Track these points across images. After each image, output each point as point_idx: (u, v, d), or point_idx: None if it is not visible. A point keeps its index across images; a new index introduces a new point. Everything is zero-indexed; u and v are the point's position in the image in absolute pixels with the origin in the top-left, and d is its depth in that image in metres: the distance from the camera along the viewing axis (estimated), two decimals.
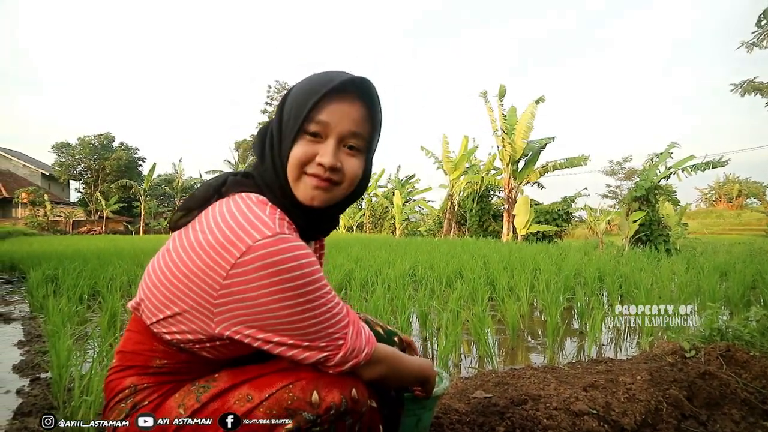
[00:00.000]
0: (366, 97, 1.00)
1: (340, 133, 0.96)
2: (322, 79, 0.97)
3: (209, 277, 0.87)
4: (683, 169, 12.27)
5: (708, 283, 4.64)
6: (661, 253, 10.03)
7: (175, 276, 0.91)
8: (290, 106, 0.98)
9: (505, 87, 16.44)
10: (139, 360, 0.99)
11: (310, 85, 0.97)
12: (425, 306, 3.69)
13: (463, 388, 2.13)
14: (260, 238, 0.86)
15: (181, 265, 0.91)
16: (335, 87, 0.95)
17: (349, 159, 0.99)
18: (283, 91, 43.31)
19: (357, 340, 0.96)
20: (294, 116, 0.96)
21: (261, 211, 0.91)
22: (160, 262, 0.96)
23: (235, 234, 0.87)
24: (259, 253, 0.85)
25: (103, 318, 3.34)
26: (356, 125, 0.98)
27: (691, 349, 2.64)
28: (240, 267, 0.85)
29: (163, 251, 0.97)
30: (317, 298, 0.89)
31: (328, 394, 0.92)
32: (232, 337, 0.90)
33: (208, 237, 0.89)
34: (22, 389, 2.48)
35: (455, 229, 20.87)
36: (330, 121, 0.95)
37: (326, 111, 0.95)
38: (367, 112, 1.00)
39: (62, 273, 5.32)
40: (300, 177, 0.97)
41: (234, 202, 0.94)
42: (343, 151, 0.98)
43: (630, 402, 1.93)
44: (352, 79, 0.97)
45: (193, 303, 0.90)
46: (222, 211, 0.92)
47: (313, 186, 0.96)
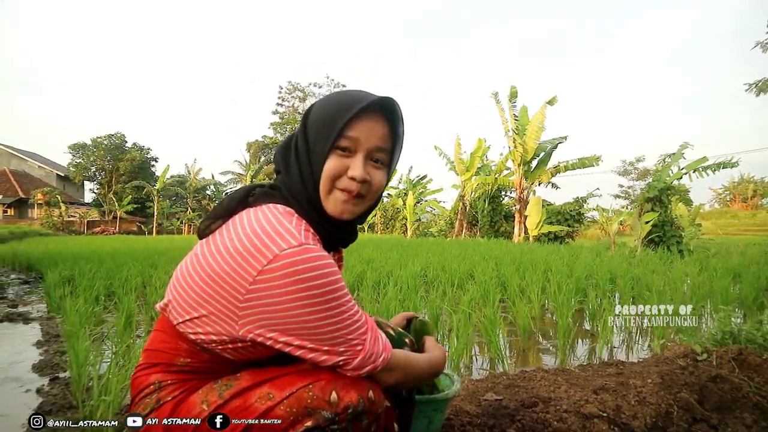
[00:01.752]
0: (391, 115, 1.07)
1: (368, 148, 1.04)
2: (352, 98, 1.03)
3: (236, 282, 0.92)
4: (695, 170, 12.17)
5: (721, 285, 4.61)
6: (674, 255, 9.95)
7: (203, 279, 0.96)
8: (319, 122, 1.03)
9: (516, 88, 16.41)
10: (164, 358, 1.04)
11: (340, 103, 1.03)
12: (437, 308, 3.71)
13: (474, 390, 2.15)
14: (286, 248, 0.91)
15: (209, 270, 0.96)
16: (365, 106, 1.01)
17: (376, 172, 1.06)
18: (295, 91, 43.70)
19: (375, 345, 1.00)
20: (325, 133, 1.02)
21: (288, 222, 0.97)
22: (188, 265, 1.01)
23: (263, 242, 0.92)
24: (285, 261, 0.90)
25: (119, 319, 3.40)
26: (382, 141, 1.06)
27: (703, 352, 2.63)
28: (266, 274, 0.90)
29: (192, 255, 1.03)
30: (338, 306, 0.93)
31: (347, 394, 0.96)
32: (255, 340, 0.94)
33: (236, 244, 0.94)
34: (42, 388, 2.53)
35: (467, 229, 20.85)
36: (359, 137, 1.02)
37: (356, 128, 1.01)
38: (391, 129, 1.07)
39: (78, 274, 5.40)
40: (331, 191, 1.03)
41: (262, 212, 0.99)
42: (370, 164, 1.05)
43: (640, 405, 1.94)
44: (380, 99, 1.03)
45: (220, 306, 0.95)
46: (250, 220, 0.97)
47: (343, 200, 1.03)
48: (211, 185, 43.70)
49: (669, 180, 12.09)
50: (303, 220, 1.02)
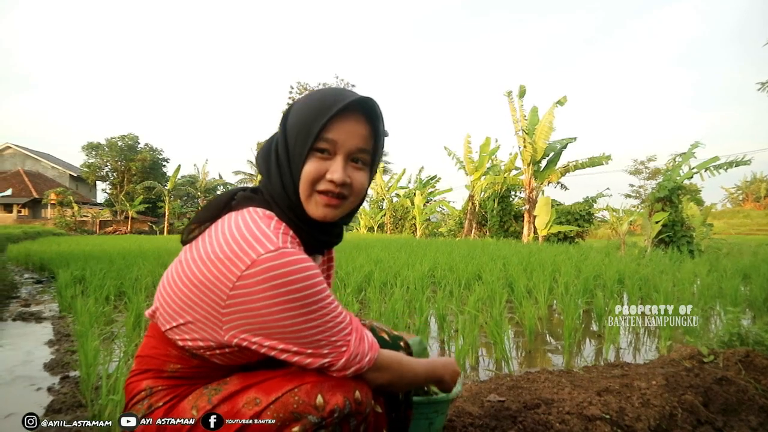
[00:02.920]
0: (371, 115, 1.05)
1: (348, 149, 1.02)
2: (328, 98, 1.01)
3: (217, 288, 0.93)
4: (707, 169, 12.06)
5: (730, 286, 4.57)
6: (684, 255, 9.87)
7: (186, 286, 0.97)
8: (297, 125, 1.02)
9: (525, 87, 16.34)
10: (154, 364, 1.05)
11: (317, 104, 1.01)
12: (443, 308, 3.72)
13: (477, 391, 2.16)
14: (264, 252, 0.91)
15: (192, 276, 0.96)
16: (343, 107, 1.00)
17: (357, 173, 1.05)
18: (305, 91, 43.75)
19: (360, 345, 1.00)
20: (303, 136, 1.00)
21: (266, 226, 0.97)
22: (173, 272, 1.02)
23: (241, 248, 0.93)
24: (262, 266, 0.90)
25: (129, 318, 3.44)
26: (362, 141, 1.04)
27: (710, 354, 2.62)
28: (245, 279, 0.91)
29: (176, 262, 1.03)
30: (319, 309, 0.94)
31: (332, 397, 0.97)
32: (240, 344, 0.95)
33: (216, 249, 0.95)
34: (53, 387, 2.58)
35: (476, 229, 20.78)
36: (338, 139, 1.01)
37: (334, 129, 1.00)
38: (371, 129, 1.06)
39: (89, 274, 5.46)
40: (311, 194, 1.02)
41: (242, 216, 1.00)
42: (351, 165, 1.04)
43: (644, 407, 1.94)
44: (358, 99, 1.02)
45: (203, 312, 0.96)
46: (230, 225, 0.98)
47: (324, 203, 1.02)
48: (222, 185, 43.94)
49: (680, 179, 11.98)
50: (282, 223, 1.01)
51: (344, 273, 5.55)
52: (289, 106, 1.09)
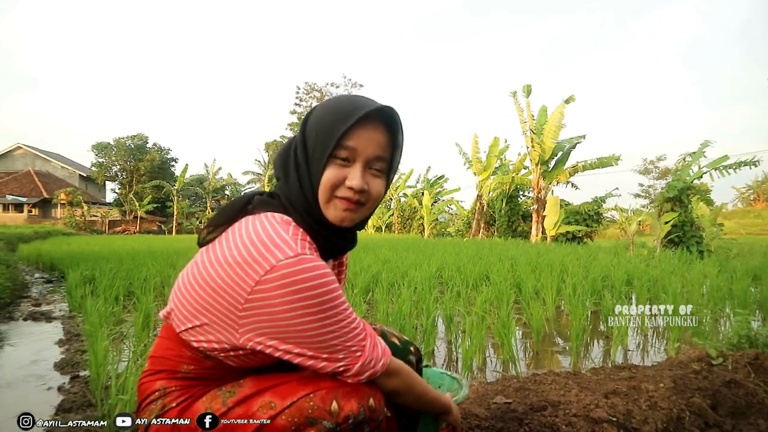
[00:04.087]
0: (389, 123, 1.06)
1: (366, 157, 1.03)
2: (349, 106, 1.02)
3: (235, 292, 0.94)
4: (716, 169, 11.96)
5: (740, 288, 4.54)
6: (694, 255, 9.80)
7: (203, 289, 0.98)
8: (317, 131, 1.03)
9: (530, 86, 16.28)
10: (168, 365, 1.06)
11: (338, 111, 1.02)
12: (450, 309, 3.71)
13: (484, 393, 2.16)
14: (283, 258, 0.92)
15: (209, 279, 0.97)
16: (364, 115, 1.01)
17: (374, 180, 1.06)
18: (313, 92, 43.79)
19: (374, 351, 1.01)
20: (323, 142, 1.01)
21: (284, 232, 0.97)
22: (189, 274, 1.03)
23: (260, 253, 0.93)
24: (281, 272, 0.91)
25: (138, 319, 3.47)
26: (381, 150, 1.05)
27: (718, 356, 2.60)
28: (264, 284, 0.91)
29: (193, 264, 1.04)
30: (335, 314, 0.95)
31: (347, 403, 0.97)
32: (255, 348, 0.96)
33: (234, 254, 0.95)
34: (63, 386, 2.60)
35: (484, 229, 20.74)
36: (357, 147, 1.02)
37: (354, 137, 1.01)
38: (390, 137, 1.07)
39: (99, 274, 5.49)
40: (331, 199, 1.03)
41: (260, 221, 1.00)
42: (369, 173, 1.05)
43: (651, 410, 1.93)
44: (378, 108, 1.03)
45: (220, 314, 0.96)
46: (248, 229, 0.98)
47: (343, 208, 1.03)
48: (230, 185, 44.17)
49: (689, 179, 11.90)
50: (300, 229, 1.02)
51: (352, 273, 5.55)
52: (309, 110, 1.10)
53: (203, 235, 1.07)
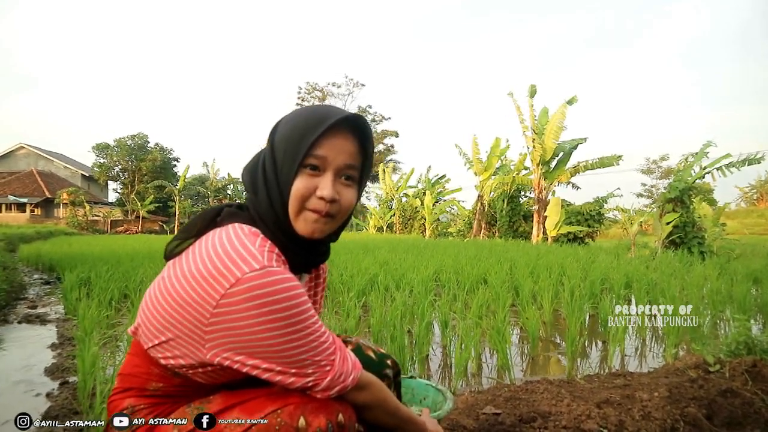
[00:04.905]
0: (359, 131, 1.05)
1: (337, 166, 1.01)
2: (317, 115, 1.01)
3: (201, 306, 0.91)
4: (718, 168, 11.89)
5: (740, 291, 4.49)
6: (695, 256, 9.75)
7: (169, 303, 0.95)
8: (286, 141, 1.01)
9: (535, 87, 16.17)
10: (136, 382, 1.04)
11: (307, 121, 1.01)
12: (446, 314, 3.68)
13: (474, 403, 2.12)
14: (248, 271, 0.89)
15: (174, 294, 0.95)
16: (333, 124, 0.99)
17: (346, 189, 1.04)
18: (314, 91, 43.90)
19: (344, 365, 0.99)
20: (293, 152, 0.99)
21: (251, 244, 0.95)
22: (156, 289, 1.00)
23: (225, 266, 0.91)
24: (246, 285, 0.88)
25: (130, 323, 3.44)
26: (351, 158, 1.03)
27: (716, 363, 2.56)
28: (229, 297, 0.89)
29: (160, 278, 1.01)
30: (303, 328, 0.92)
31: (315, 419, 0.95)
32: (222, 363, 0.93)
33: (199, 267, 0.93)
34: (52, 392, 2.58)
35: (485, 229, 20.67)
36: (328, 156, 1.00)
37: (324, 146, 0.99)
38: (360, 146, 1.05)
39: (95, 276, 5.47)
40: (301, 211, 1.01)
41: (226, 233, 0.98)
42: (339, 182, 1.03)
43: (644, 420, 1.90)
44: (347, 116, 1.02)
45: (186, 330, 0.94)
46: (214, 242, 0.96)
47: (313, 220, 1.01)
48: (231, 184, 44.19)
49: (691, 180, 11.83)
50: (267, 241, 0.99)
51: (349, 276, 5.51)
52: (275, 123, 1.08)
53: (171, 247, 1.05)
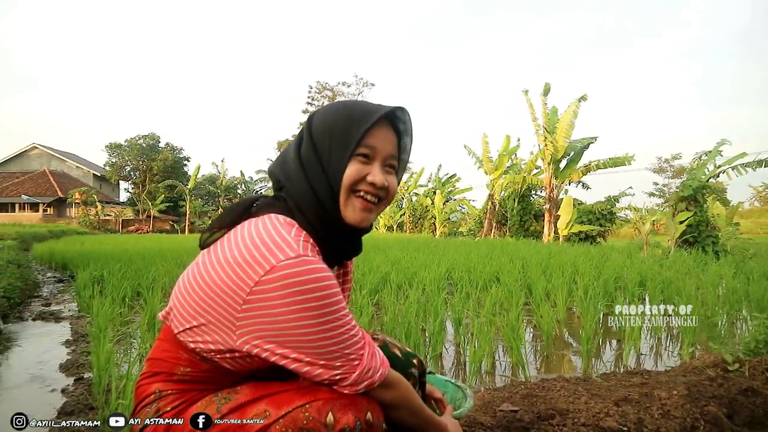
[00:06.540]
0: (399, 124, 1.11)
1: (384, 155, 1.06)
2: (363, 107, 1.06)
3: (234, 292, 0.92)
4: (733, 168, 11.74)
5: (757, 290, 4.42)
6: (709, 256, 9.64)
7: (203, 289, 0.96)
8: (334, 131, 1.03)
9: (549, 85, 16.06)
10: (165, 367, 1.04)
11: (353, 112, 1.05)
12: (459, 312, 3.66)
13: (490, 400, 2.10)
14: (284, 259, 0.90)
15: (209, 280, 0.96)
16: (382, 115, 1.05)
17: (390, 177, 1.09)
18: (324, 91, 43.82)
19: (372, 360, 0.99)
20: (344, 141, 1.02)
21: (287, 233, 0.96)
22: (190, 275, 1.02)
23: (261, 253, 0.92)
24: (281, 273, 0.89)
25: (143, 320, 3.45)
26: (394, 149, 1.09)
27: (735, 363, 2.53)
28: (263, 285, 0.90)
29: (194, 265, 1.03)
30: (335, 320, 0.92)
31: (343, 416, 0.94)
32: (251, 351, 0.94)
33: (235, 254, 0.94)
34: (67, 388, 2.59)
35: (496, 229, 20.58)
36: (377, 146, 1.04)
37: (373, 136, 1.04)
38: (398, 138, 1.12)
39: (108, 274, 5.51)
40: (349, 197, 1.04)
41: (262, 222, 0.99)
42: (385, 170, 1.08)
43: (664, 418, 1.87)
44: (393, 109, 1.08)
45: (218, 315, 0.95)
46: (250, 231, 0.97)
47: (361, 208, 1.04)
48: (242, 183, 44.36)
49: (705, 178, 11.69)
50: (303, 231, 1.00)
51: (360, 274, 5.50)
52: (310, 115, 1.11)
53: (205, 237, 1.07)
